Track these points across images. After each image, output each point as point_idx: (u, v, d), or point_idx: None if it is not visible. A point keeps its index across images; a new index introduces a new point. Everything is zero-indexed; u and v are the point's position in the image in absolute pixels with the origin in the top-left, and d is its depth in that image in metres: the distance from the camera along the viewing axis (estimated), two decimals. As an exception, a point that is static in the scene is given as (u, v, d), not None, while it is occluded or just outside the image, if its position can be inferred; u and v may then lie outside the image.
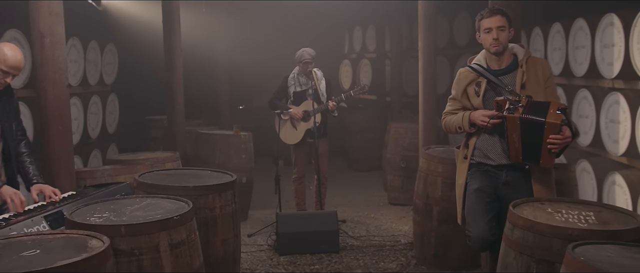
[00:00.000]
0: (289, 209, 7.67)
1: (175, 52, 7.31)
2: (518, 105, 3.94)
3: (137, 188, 4.32)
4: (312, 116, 6.77)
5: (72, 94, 7.76)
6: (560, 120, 3.83)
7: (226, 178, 4.61)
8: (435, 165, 5.80)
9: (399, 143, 8.07)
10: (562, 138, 3.85)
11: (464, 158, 4.37)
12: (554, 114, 3.84)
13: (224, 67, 10.52)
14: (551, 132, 3.85)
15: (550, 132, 3.85)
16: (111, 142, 9.00)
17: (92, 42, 8.28)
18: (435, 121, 7.44)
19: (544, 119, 3.84)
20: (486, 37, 4.16)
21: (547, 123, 3.83)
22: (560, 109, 3.86)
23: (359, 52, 12.13)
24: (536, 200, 3.98)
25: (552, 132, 3.85)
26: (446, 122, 4.41)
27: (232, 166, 7.11)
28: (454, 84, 4.40)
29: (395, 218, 7.43)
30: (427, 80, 7.22)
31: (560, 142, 3.85)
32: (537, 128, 3.88)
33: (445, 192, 5.73)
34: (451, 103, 4.43)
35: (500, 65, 4.22)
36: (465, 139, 4.41)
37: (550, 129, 3.85)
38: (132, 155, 6.07)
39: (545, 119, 3.84)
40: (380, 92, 11.41)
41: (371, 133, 10.52)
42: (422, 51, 7.23)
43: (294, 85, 7.12)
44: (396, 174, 8.03)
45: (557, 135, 3.84)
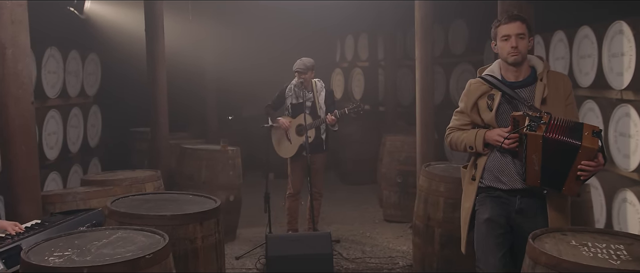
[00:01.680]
0: (280, 226, 7.16)
1: (159, 62, 6.78)
2: (540, 123, 3.44)
3: (109, 217, 3.80)
4: (305, 131, 6.27)
5: (50, 106, 7.25)
6: (598, 146, 3.34)
7: (209, 204, 4.08)
8: (436, 185, 5.30)
9: (394, 158, 7.56)
10: (595, 165, 3.36)
11: (472, 180, 3.87)
12: (590, 137, 3.35)
13: (211, 76, 9.96)
14: (585, 158, 3.36)
15: (585, 157, 3.36)
16: (93, 156, 8.46)
17: (73, 52, 7.75)
18: (434, 134, 6.96)
19: (580, 142, 3.34)
20: (504, 46, 3.67)
21: (584, 147, 3.34)
22: (595, 133, 3.36)
23: (351, 61, 11.66)
24: (557, 230, 3.48)
25: (587, 158, 3.35)
26: (453, 139, 3.91)
27: (219, 183, 6.59)
28: (463, 96, 3.90)
29: (392, 237, 6.91)
30: (424, 91, 6.75)
31: (593, 169, 3.36)
32: (568, 151, 3.38)
33: (447, 213, 5.23)
34: (458, 117, 3.93)
35: (518, 77, 3.73)
36: (473, 158, 3.91)
37: (585, 154, 3.35)
38: (110, 175, 5.53)
39: (581, 143, 3.34)
40: (374, 102, 10.91)
41: (364, 145, 9.99)
42: (419, 60, 6.76)
43: (290, 97, 6.62)
44: (392, 190, 7.51)
45: (591, 161, 3.35)
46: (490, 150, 3.75)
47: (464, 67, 8.56)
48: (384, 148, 7.90)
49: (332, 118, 6.41)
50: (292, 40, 10.48)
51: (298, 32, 10.72)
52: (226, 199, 6.60)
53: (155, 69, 6.78)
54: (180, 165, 6.71)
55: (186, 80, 9.88)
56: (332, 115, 6.42)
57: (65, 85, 7.55)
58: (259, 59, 10.73)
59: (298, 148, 6.51)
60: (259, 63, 10.62)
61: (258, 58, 10.82)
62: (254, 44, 10.89)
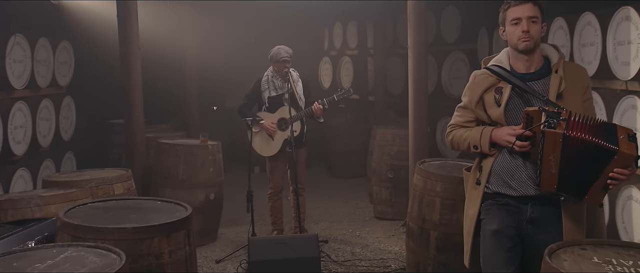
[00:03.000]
0: (265, 224, 6.65)
1: (132, 50, 6.21)
2: (559, 119, 2.94)
3: (61, 230, 3.26)
4: (290, 124, 5.74)
5: (16, 98, 6.67)
6: (636, 153, 2.84)
7: (179, 212, 3.55)
8: (432, 184, 4.80)
9: (385, 152, 7.05)
10: (628, 173, 2.86)
11: (477, 184, 3.37)
12: (627, 142, 2.84)
13: (192, 65, 9.33)
14: (619, 165, 2.86)
15: (619, 164, 2.86)
16: (67, 150, 7.88)
17: (42, 40, 7.15)
18: (427, 128, 6.46)
19: (617, 147, 2.83)
20: (513, 30, 3.16)
21: (621, 153, 2.83)
22: (630, 136, 2.86)
23: (340, 49, 11.12)
24: (575, 243, 3.00)
25: (621, 165, 2.86)
26: (455, 138, 3.41)
27: (198, 181, 6.06)
28: (467, 90, 3.39)
29: (383, 236, 6.41)
30: (417, 82, 6.24)
31: (624, 178, 2.87)
32: (600, 155, 2.88)
33: (444, 215, 4.74)
34: (461, 113, 3.43)
35: (529, 68, 3.23)
36: (477, 159, 3.41)
37: (620, 161, 2.85)
38: (76, 175, 5.00)
39: (618, 148, 2.83)
40: (363, 92, 10.40)
41: (353, 137, 9.47)
42: (412, 49, 6.24)
43: (268, 89, 6.07)
44: (383, 186, 7.01)
45: (625, 169, 2.85)
46: (498, 150, 3.25)
47: (457, 55, 8.06)
48: (374, 142, 7.39)
49: (318, 107, 5.89)
50: (278, 28, 9.91)
51: (285, 20, 10.15)
52: (206, 198, 6.07)
53: (128, 58, 6.21)
54: (157, 161, 6.16)
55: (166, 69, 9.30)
56: (319, 104, 5.90)
57: (34, 75, 6.97)
58: (244, 47, 10.16)
59: (281, 145, 5.99)
60: (244, 51, 10.05)
61: (242, 45, 10.24)
62: (239, 30, 10.30)
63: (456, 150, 3.50)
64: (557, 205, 3.16)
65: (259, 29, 10.17)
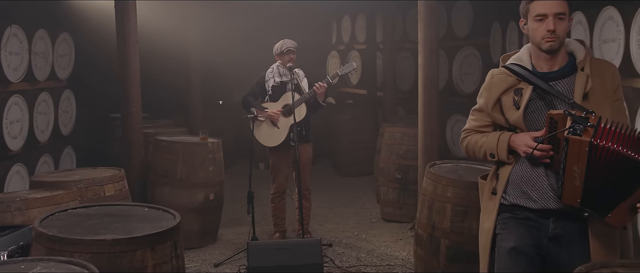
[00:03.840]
0: (267, 225, 6.32)
1: (130, 42, 5.87)
2: (586, 125, 2.57)
3: (36, 241, 2.93)
4: (293, 109, 5.37)
5: (12, 91, 6.34)
6: None
7: (166, 220, 3.21)
8: (443, 189, 4.45)
9: (393, 151, 6.67)
10: None
11: (493, 194, 3.00)
12: None
13: (196, 58, 8.94)
14: None
15: None
16: (67, 144, 7.56)
17: (40, 31, 6.81)
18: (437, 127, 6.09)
19: None
20: (537, 28, 2.78)
21: None
22: None
23: (348, 43, 10.75)
24: (604, 265, 2.63)
25: None
26: (470, 144, 3.04)
27: (198, 180, 5.72)
28: (483, 91, 3.01)
29: (390, 240, 6.05)
30: (428, 79, 5.87)
31: None
32: (632, 171, 2.52)
33: (455, 222, 4.39)
34: (476, 117, 3.06)
35: (552, 66, 2.85)
36: (494, 167, 3.05)
37: None
38: (65, 174, 4.68)
39: None
40: (371, 87, 10.02)
41: (361, 134, 9.10)
42: (423, 44, 5.86)
43: (272, 78, 5.74)
44: (390, 186, 6.63)
45: None
46: (517, 158, 2.89)
47: (468, 50, 7.68)
48: (382, 140, 7.01)
49: (321, 85, 5.53)
50: (285, 20, 9.53)
51: (292, 13, 9.79)
52: (205, 198, 5.74)
53: (125, 51, 5.88)
54: (155, 159, 5.82)
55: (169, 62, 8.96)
56: (322, 82, 5.54)
57: (31, 67, 6.64)
58: (250, 40, 9.79)
59: (287, 134, 5.62)
60: (249, 44, 9.68)
61: (248, 39, 9.88)
62: (244, 23, 9.94)
63: (471, 158, 3.13)
64: (582, 221, 2.78)
65: (265, 22, 9.81)
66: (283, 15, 9.72)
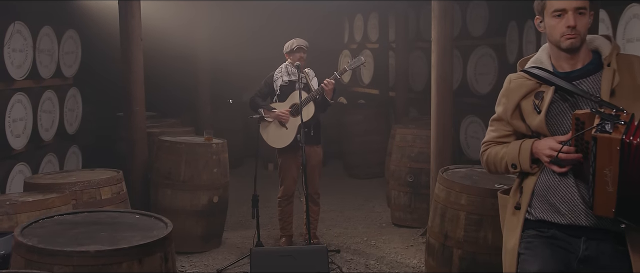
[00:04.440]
0: (274, 228, 6.05)
1: (133, 40, 5.64)
2: (617, 122, 2.27)
3: (15, 251, 2.68)
4: (301, 108, 5.10)
5: (15, 89, 6.14)
6: None
7: (157, 229, 2.94)
8: (456, 196, 4.15)
9: (405, 153, 6.37)
10: None
11: (516, 208, 2.69)
12: None
13: (205, 55, 8.70)
14: None
15: None
16: (72, 143, 7.34)
17: (46, 28, 6.60)
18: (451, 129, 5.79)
19: None
20: (555, 25, 2.49)
21: None
22: None
23: (360, 42, 10.45)
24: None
25: None
26: (490, 157, 2.75)
27: (201, 182, 5.47)
28: (501, 98, 2.72)
29: (401, 246, 5.75)
30: (441, 79, 5.58)
31: None
32: None
33: (469, 231, 4.10)
34: (495, 127, 2.76)
35: (574, 65, 2.56)
36: (517, 180, 2.74)
37: None
38: (61, 176, 4.45)
39: None
40: (383, 87, 9.73)
41: (372, 135, 8.79)
42: (436, 42, 5.57)
43: (280, 78, 5.48)
44: (402, 190, 6.33)
45: None
46: (541, 168, 2.59)
47: (483, 50, 7.36)
48: (393, 142, 6.71)
49: (329, 81, 5.25)
50: (296, 19, 9.26)
51: (303, 11, 9.51)
52: (209, 201, 5.48)
53: (129, 48, 5.64)
54: (158, 160, 5.57)
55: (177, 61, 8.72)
56: (330, 79, 5.27)
57: (36, 65, 6.43)
58: (260, 38, 9.53)
59: (295, 134, 5.35)
60: (260, 43, 9.42)
61: (259, 37, 9.62)
62: (254, 21, 9.68)
63: (493, 172, 2.82)
64: (619, 237, 2.45)
65: (275, 20, 9.54)
66: (294, 13, 9.46)
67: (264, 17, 9.72)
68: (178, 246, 5.48)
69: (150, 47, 8.16)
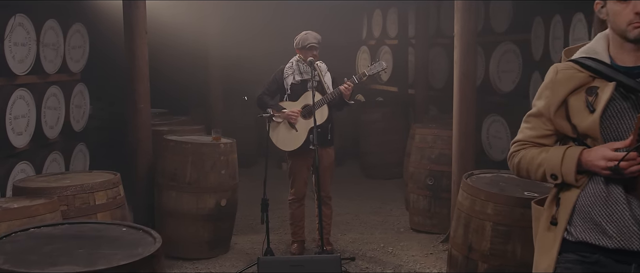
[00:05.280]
0: (286, 233, 5.66)
1: (138, 33, 5.26)
2: None
3: (-23, 272, 2.30)
4: (313, 111, 4.70)
5: (17, 84, 5.81)
6: None
7: (143, 246, 2.55)
8: (482, 204, 3.72)
9: (424, 155, 5.93)
10: None
11: (552, 224, 2.27)
12: None
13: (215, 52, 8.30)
14: None
15: None
16: (79, 141, 6.99)
17: (50, 21, 6.26)
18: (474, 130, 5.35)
19: None
20: (620, 11, 2.07)
21: None
22: None
23: (379, 38, 10.01)
24: None
25: None
26: (523, 162, 2.30)
27: (208, 185, 5.08)
28: (543, 90, 2.28)
29: (420, 254, 5.32)
30: (465, 75, 5.14)
31: None
32: None
33: (496, 244, 3.67)
34: (532, 124, 2.31)
35: (637, 60, 2.11)
36: (554, 190, 2.31)
37: None
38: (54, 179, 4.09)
39: None
40: (402, 84, 9.27)
41: (390, 134, 8.35)
42: (459, 37, 5.13)
43: (292, 75, 5.08)
44: (421, 193, 5.90)
45: None
46: (588, 179, 2.15)
47: (507, 46, 6.89)
48: (412, 142, 6.26)
49: (348, 86, 4.85)
50: (313, 14, 8.83)
51: (320, 5, 9.08)
52: (216, 204, 5.10)
53: (133, 42, 5.27)
54: (163, 161, 5.19)
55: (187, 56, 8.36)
56: (348, 81, 4.87)
57: (40, 59, 6.10)
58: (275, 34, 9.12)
59: (306, 137, 4.96)
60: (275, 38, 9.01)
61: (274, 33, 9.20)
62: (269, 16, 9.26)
63: (524, 178, 2.39)
64: None
65: (291, 14, 9.12)
66: (309, 8, 9.03)
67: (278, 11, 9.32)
68: (183, 252, 5.18)
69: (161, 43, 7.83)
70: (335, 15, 9.51)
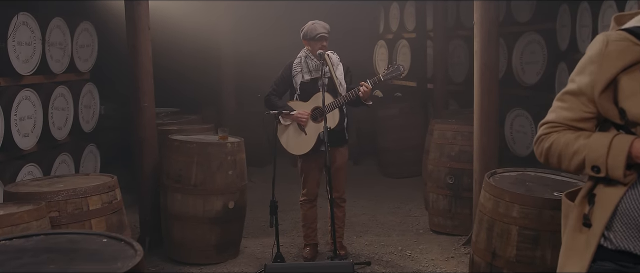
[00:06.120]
0: (298, 236, 5.34)
1: (141, 29, 4.97)
2: None
3: None
4: (324, 114, 4.37)
5: (23, 85, 5.57)
6: None
7: (123, 260, 2.24)
8: (506, 207, 3.34)
9: (444, 152, 5.55)
10: None
11: (585, 225, 1.91)
12: None
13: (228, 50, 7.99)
14: None
15: None
16: (89, 142, 6.74)
17: (56, 20, 6.01)
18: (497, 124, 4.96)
19: None
20: None
21: None
22: None
23: (396, 32, 9.61)
24: None
25: None
26: (555, 146, 1.93)
27: (215, 186, 4.77)
28: (587, 64, 1.90)
29: (440, 257, 4.95)
30: (486, 67, 4.76)
31: None
32: None
33: (523, 250, 3.29)
34: (569, 104, 1.94)
35: None
36: (588, 183, 1.95)
37: None
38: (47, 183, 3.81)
39: None
40: (421, 79, 8.88)
41: (409, 130, 7.96)
42: (479, 26, 4.76)
43: (300, 73, 4.73)
44: (441, 193, 5.52)
45: None
46: (638, 177, 1.79)
47: (531, 37, 6.48)
48: (431, 138, 5.88)
49: (366, 88, 4.50)
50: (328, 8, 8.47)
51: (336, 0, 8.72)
52: (223, 207, 4.78)
53: (135, 38, 4.99)
54: (168, 161, 4.90)
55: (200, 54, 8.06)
56: (365, 84, 4.51)
57: (46, 59, 5.86)
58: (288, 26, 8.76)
59: (316, 141, 4.64)
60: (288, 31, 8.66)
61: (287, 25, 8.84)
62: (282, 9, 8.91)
63: (554, 167, 2.02)
64: None
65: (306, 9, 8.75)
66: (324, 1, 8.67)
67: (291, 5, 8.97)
68: (190, 256, 4.84)
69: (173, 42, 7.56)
70: (351, 9, 9.13)
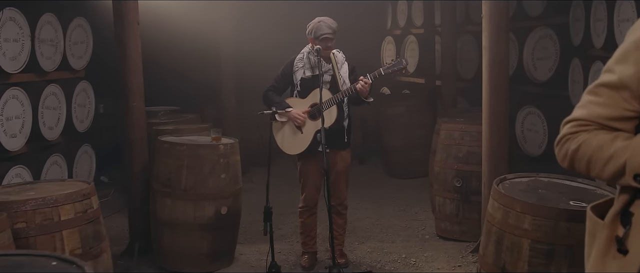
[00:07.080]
0: (297, 242, 4.99)
1: (129, 24, 4.63)
2: None
3: None
4: (321, 112, 4.02)
5: (10, 84, 5.28)
6: None
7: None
8: (517, 218, 2.98)
9: (451, 153, 5.17)
10: None
11: (620, 251, 1.54)
12: None
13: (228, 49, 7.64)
14: None
15: None
16: (83, 143, 6.45)
17: (47, 16, 5.72)
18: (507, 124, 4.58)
19: None
20: None
21: None
22: None
23: (404, 28, 9.24)
24: None
25: None
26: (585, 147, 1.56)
27: (207, 191, 4.43)
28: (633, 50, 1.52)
29: (446, 266, 4.58)
30: (495, 62, 4.39)
31: None
32: None
33: (536, 265, 2.93)
34: (605, 99, 1.57)
35: None
36: (623, 198, 1.57)
37: None
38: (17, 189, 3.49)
39: None
40: (429, 75, 8.50)
41: (416, 129, 7.58)
42: (488, 20, 4.38)
43: (302, 69, 4.39)
44: (447, 196, 5.15)
45: None
46: None
47: (543, 31, 6.10)
48: (438, 138, 5.51)
49: (365, 82, 4.13)
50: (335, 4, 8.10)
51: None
52: (216, 212, 4.45)
53: (123, 34, 4.66)
54: (158, 164, 4.56)
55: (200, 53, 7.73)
56: (364, 78, 4.15)
57: (36, 56, 5.57)
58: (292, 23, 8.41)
59: (312, 140, 4.29)
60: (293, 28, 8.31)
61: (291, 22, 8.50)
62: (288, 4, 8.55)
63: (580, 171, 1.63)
64: None
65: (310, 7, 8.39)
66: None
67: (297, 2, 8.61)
68: (180, 265, 4.45)
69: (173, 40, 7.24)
70: (359, 4, 8.76)
